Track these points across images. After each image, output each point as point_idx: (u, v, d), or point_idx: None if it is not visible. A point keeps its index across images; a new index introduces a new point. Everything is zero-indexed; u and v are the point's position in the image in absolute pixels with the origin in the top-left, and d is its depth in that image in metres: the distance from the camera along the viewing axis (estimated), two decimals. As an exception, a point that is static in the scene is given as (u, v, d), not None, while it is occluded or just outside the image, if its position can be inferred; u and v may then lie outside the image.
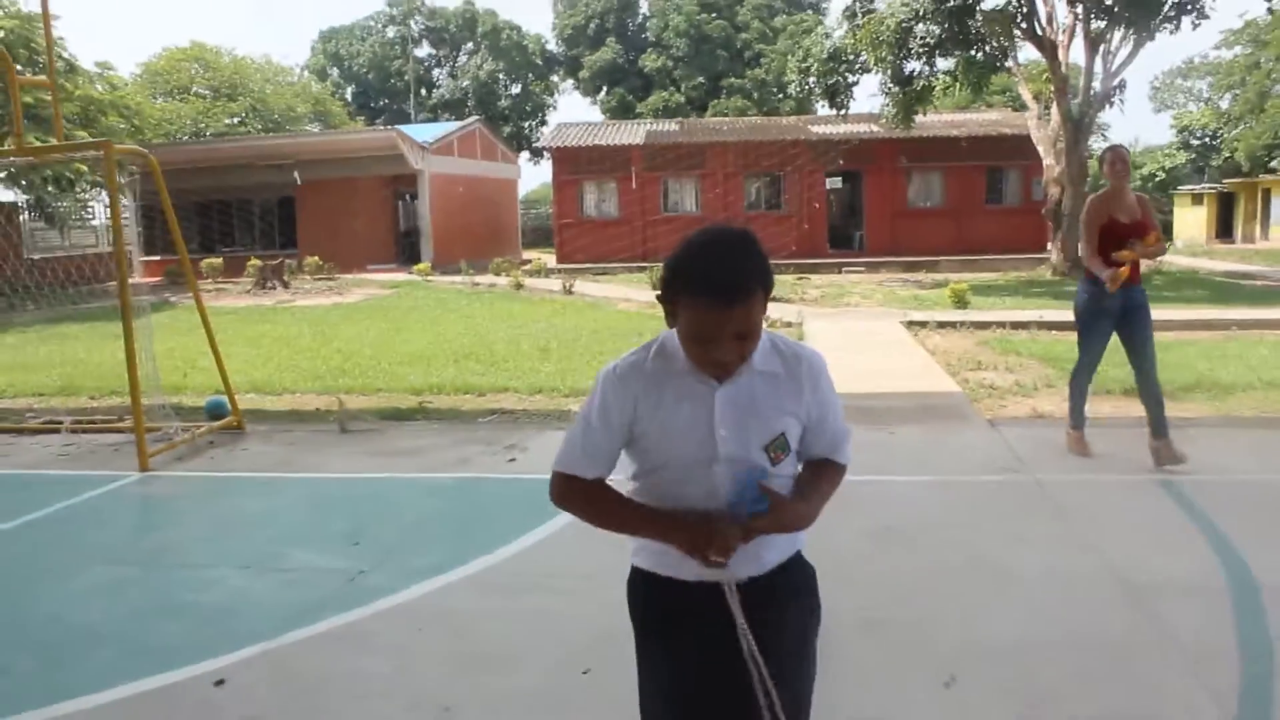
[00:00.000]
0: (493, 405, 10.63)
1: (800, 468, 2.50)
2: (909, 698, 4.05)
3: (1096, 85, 25.70)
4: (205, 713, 4.12)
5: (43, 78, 10.24)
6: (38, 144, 12.52)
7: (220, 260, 32.51)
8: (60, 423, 10.11)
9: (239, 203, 36.37)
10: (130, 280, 8.75)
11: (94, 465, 8.56)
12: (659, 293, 2.35)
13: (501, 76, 68.43)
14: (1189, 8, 23.50)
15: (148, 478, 8.05)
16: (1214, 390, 10.57)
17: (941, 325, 16.28)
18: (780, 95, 57.77)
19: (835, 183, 36.16)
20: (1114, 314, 7.51)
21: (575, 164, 34.96)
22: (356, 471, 8.03)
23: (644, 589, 2.54)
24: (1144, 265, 7.84)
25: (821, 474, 2.51)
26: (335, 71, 69.21)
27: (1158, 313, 10.18)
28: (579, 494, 2.52)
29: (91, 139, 21.43)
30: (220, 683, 4.37)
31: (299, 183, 33.86)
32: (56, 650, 4.81)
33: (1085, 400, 7.95)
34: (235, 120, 46.66)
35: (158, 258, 30.24)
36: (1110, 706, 3.97)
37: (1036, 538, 5.93)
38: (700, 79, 62.32)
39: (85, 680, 4.45)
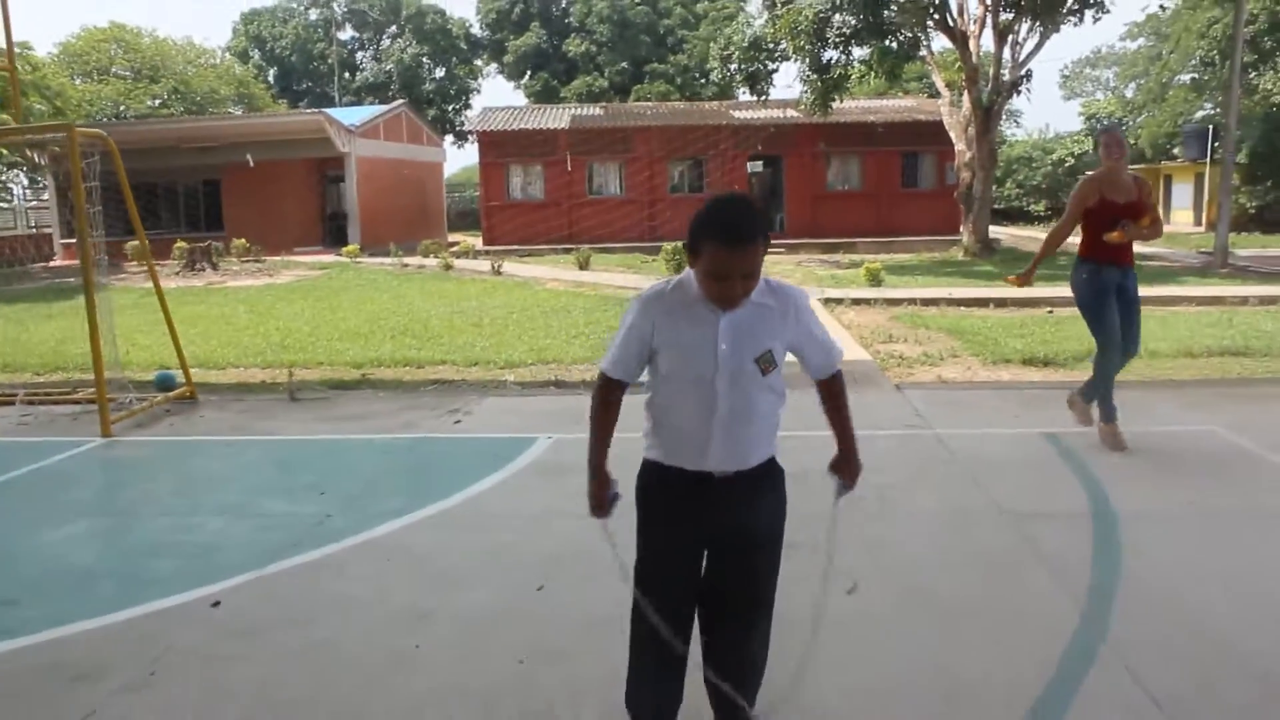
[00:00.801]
0: (432, 376, 11.19)
1: (817, 390, 3.35)
2: (815, 599, 4.76)
3: (1006, 74, 26.78)
4: (208, 628, 4.70)
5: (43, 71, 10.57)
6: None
7: (146, 243, 32.42)
8: (14, 394, 10.49)
9: (164, 185, 36.21)
10: (55, 261, 9.16)
11: (56, 433, 8.99)
12: (685, 242, 3.04)
13: (426, 60, 68.34)
14: (1090, 2, 24.62)
15: (112, 442, 8.52)
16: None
17: (856, 302, 17.14)
18: (703, 81, 58.52)
19: (756, 166, 37.02)
20: (1113, 292, 7.42)
21: (502, 148, 35.40)
22: (311, 434, 8.60)
23: (653, 475, 3.26)
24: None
25: (836, 397, 3.35)
26: (257, 54, 68.55)
27: (1061, 290, 11.02)
28: (602, 391, 3.30)
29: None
30: (216, 604, 4.95)
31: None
32: (59, 585, 5.35)
33: (1113, 388, 7.66)
34: (157, 102, 46.26)
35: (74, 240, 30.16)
36: (986, 604, 4.72)
37: (933, 480, 6.71)
38: (624, 64, 62.85)
39: (91, 607, 5.00)
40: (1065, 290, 7.78)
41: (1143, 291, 7.80)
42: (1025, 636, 4.36)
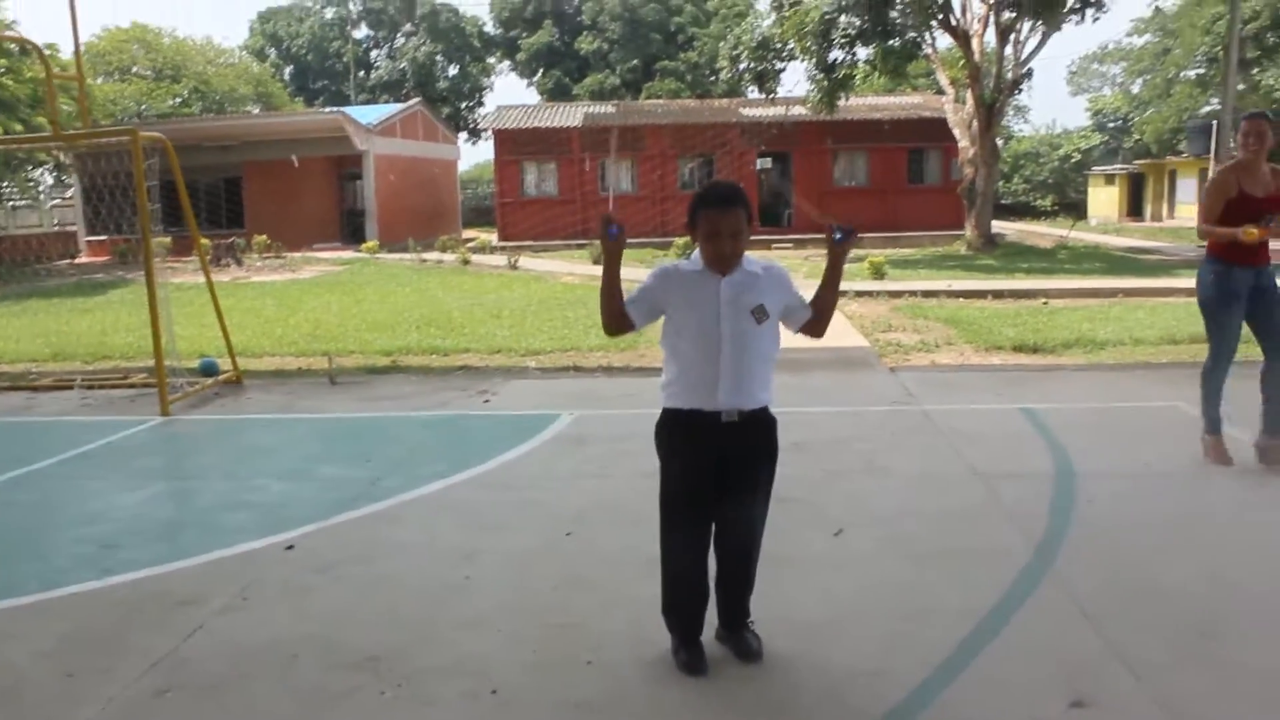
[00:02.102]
0: (458, 363, 11.98)
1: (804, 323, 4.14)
2: (806, 542, 5.56)
3: (1009, 72, 27.48)
4: (286, 565, 5.51)
5: (72, 71, 11.32)
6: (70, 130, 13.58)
7: (169, 239, 33.30)
8: (72, 379, 11.32)
9: (186, 183, 36.94)
10: (80, 259, 9.98)
11: (118, 412, 9.82)
12: (687, 220, 3.95)
13: (439, 58, 69.16)
14: (1091, 1, 25.32)
15: (171, 420, 9.34)
16: (1089, 345, 12.20)
17: (860, 294, 17.88)
18: (713, 77, 59.25)
19: (765, 163, 37.77)
20: (1242, 296, 6.75)
21: (516, 145, 36.21)
22: (353, 412, 9.41)
23: (670, 419, 4.07)
24: (1048, 241, 8.40)
25: (818, 321, 4.15)
26: (273, 52, 69.49)
27: (1058, 283, 11.73)
28: (615, 318, 4.05)
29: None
30: (290, 547, 5.76)
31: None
32: (150, 534, 6.17)
33: (1220, 400, 7.05)
34: (178, 101, 47.19)
35: (104, 238, 31.20)
36: (956, 544, 5.50)
37: (917, 448, 7.49)
38: (635, 61, 63.59)
39: (181, 550, 5.81)
40: (1061, 281, 8.40)
41: (1137, 283, 8.31)
42: (983, 571, 5.13)
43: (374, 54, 72.66)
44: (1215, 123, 26.68)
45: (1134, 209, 47.09)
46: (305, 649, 4.45)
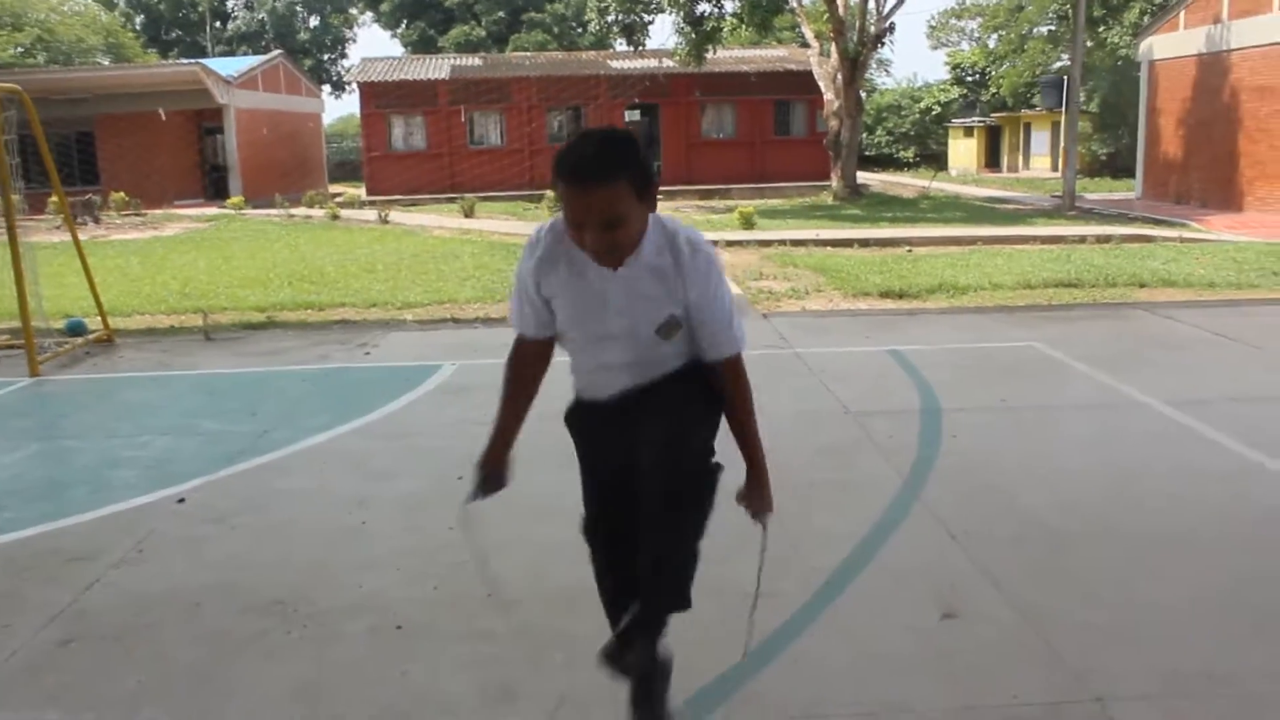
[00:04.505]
0: (335, 318, 11.92)
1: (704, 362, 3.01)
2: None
3: (871, 27, 28.06)
4: (180, 518, 5.53)
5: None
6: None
7: (18, 197, 32.02)
8: (-69, 341, 10.94)
9: (33, 138, 35.49)
10: None
11: (-17, 373, 9.56)
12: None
13: (300, 9, 67.37)
14: (948, -44, 25.94)
15: (41, 381, 9.13)
16: (951, 290, 12.73)
17: (730, 244, 18.23)
18: (580, 30, 58.95)
19: (634, 115, 37.90)
20: None
21: (382, 98, 35.65)
22: (232, 368, 9.34)
23: (577, 408, 3.19)
24: (911, 191, 8.95)
25: (728, 392, 3.04)
26: (122, 1, 66.73)
27: (921, 232, 12.10)
28: (514, 352, 3.14)
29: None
30: (182, 500, 5.78)
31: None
32: (34, 493, 6.11)
33: None
34: (19, 50, 45.08)
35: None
36: (831, 477, 5.81)
37: (791, 389, 7.81)
38: (500, 13, 62.84)
39: (69, 507, 5.77)
40: (924, 230, 8.86)
41: (995, 231, 8.82)
42: (858, 500, 5.45)
43: (230, 4, 70.39)
44: (1066, 78, 27.69)
45: (992, 160, 48.52)
46: (207, 597, 4.52)
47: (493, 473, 3.23)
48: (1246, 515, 5.17)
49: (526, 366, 3.12)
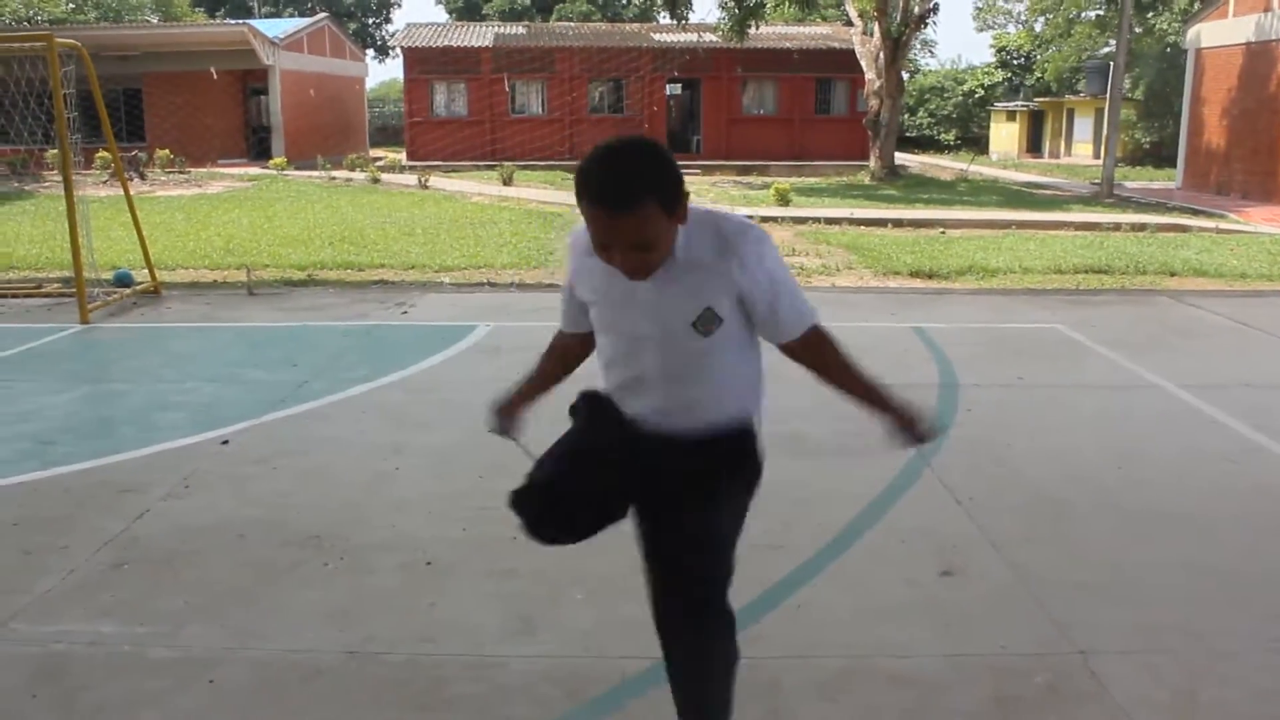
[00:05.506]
0: (374, 278, 12.22)
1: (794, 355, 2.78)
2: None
3: (915, 7, 28.01)
4: (224, 458, 5.84)
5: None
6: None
7: (54, 153, 32.57)
8: (-17, 288, 11.32)
9: (81, 94, 36.03)
10: None
11: (35, 320, 9.90)
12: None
13: (346, -28, 67.51)
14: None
15: (92, 328, 9.48)
16: (981, 272, 12.87)
17: (765, 220, 18.33)
18: (625, 2, 58.90)
19: (675, 89, 37.97)
20: None
21: (426, 64, 35.87)
22: (274, 321, 9.66)
23: (596, 398, 2.87)
24: (949, 173, 8.90)
25: (820, 356, 2.81)
26: (171, -40, 67.12)
27: (956, 214, 12.13)
28: (554, 340, 3.04)
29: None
30: (225, 442, 6.08)
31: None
32: (86, 430, 6.44)
33: None
34: (70, 6, 45.54)
35: None
36: (845, 443, 6.02)
37: (814, 361, 8.02)
38: (546, -19, 62.77)
39: (119, 445, 6.10)
40: (959, 212, 9.00)
41: (1030, 216, 8.95)
42: (869, 466, 5.65)
43: (277, -35, 70.62)
44: (1111, 64, 27.54)
45: (1033, 145, 48.23)
46: (250, 529, 4.82)
47: (501, 418, 3.13)
48: (1242, 493, 5.36)
49: (566, 351, 3.02)
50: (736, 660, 2.89)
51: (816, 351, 2.80)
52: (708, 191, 25.30)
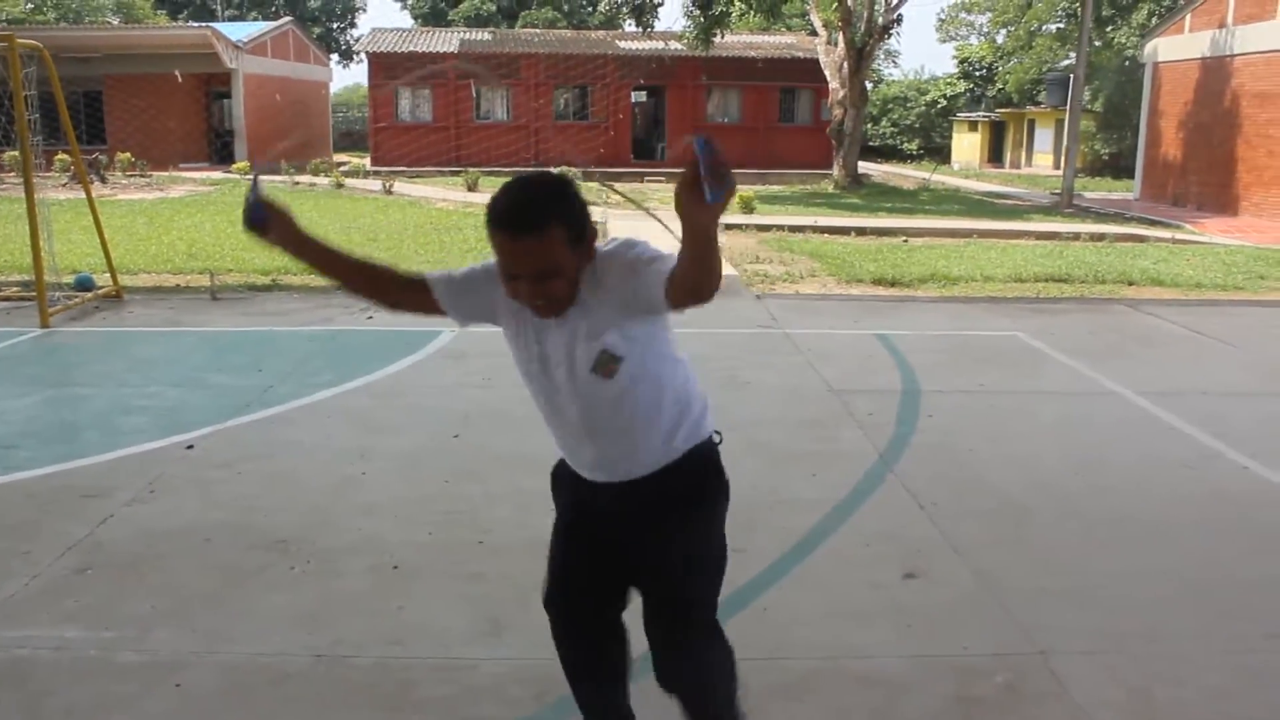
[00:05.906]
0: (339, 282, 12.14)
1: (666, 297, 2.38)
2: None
3: (879, 18, 28.24)
4: (189, 462, 5.81)
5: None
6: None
7: (13, 154, 32.20)
8: (-59, 292, 11.19)
9: (41, 95, 35.65)
10: None
11: (-6, 323, 9.82)
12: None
13: (310, -24, 67.19)
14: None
15: (52, 332, 9.39)
16: (943, 280, 12.96)
17: (729, 227, 18.43)
18: (590, 9, 58.99)
19: (640, 97, 38.06)
20: None
21: (391, 69, 35.77)
22: (238, 326, 9.62)
23: (562, 472, 2.83)
24: (912, 183, 8.91)
25: (681, 272, 2.30)
26: (132, -39, 66.56)
27: (918, 223, 12.16)
28: (388, 266, 2.92)
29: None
30: (190, 447, 6.06)
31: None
32: (49, 435, 6.40)
33: None
34: (29, 6, 45.04)
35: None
36: (811, 448, 6.10)
37: (777, 365, 8.10)
38: (511, -12, 62.77)
39: (82, 449, 6.06)
40: (921, 221, 9.12)
41: (992, 225, 9.06)
42: (834, 470, 5.73)
43: (241, -32, 70.20)
44: (1071, 77, 27.85)
45: (994, 155, 48.68)
46: (216, 533, 4.81)
47: (266, 210, 2.79)
48: (1199, 498, 5.46)
49: (381, 277, 2.88)
50: (731, 656, 3.00)
51: (678, 280, 2.33)
52: (672, 199, 25.36)
